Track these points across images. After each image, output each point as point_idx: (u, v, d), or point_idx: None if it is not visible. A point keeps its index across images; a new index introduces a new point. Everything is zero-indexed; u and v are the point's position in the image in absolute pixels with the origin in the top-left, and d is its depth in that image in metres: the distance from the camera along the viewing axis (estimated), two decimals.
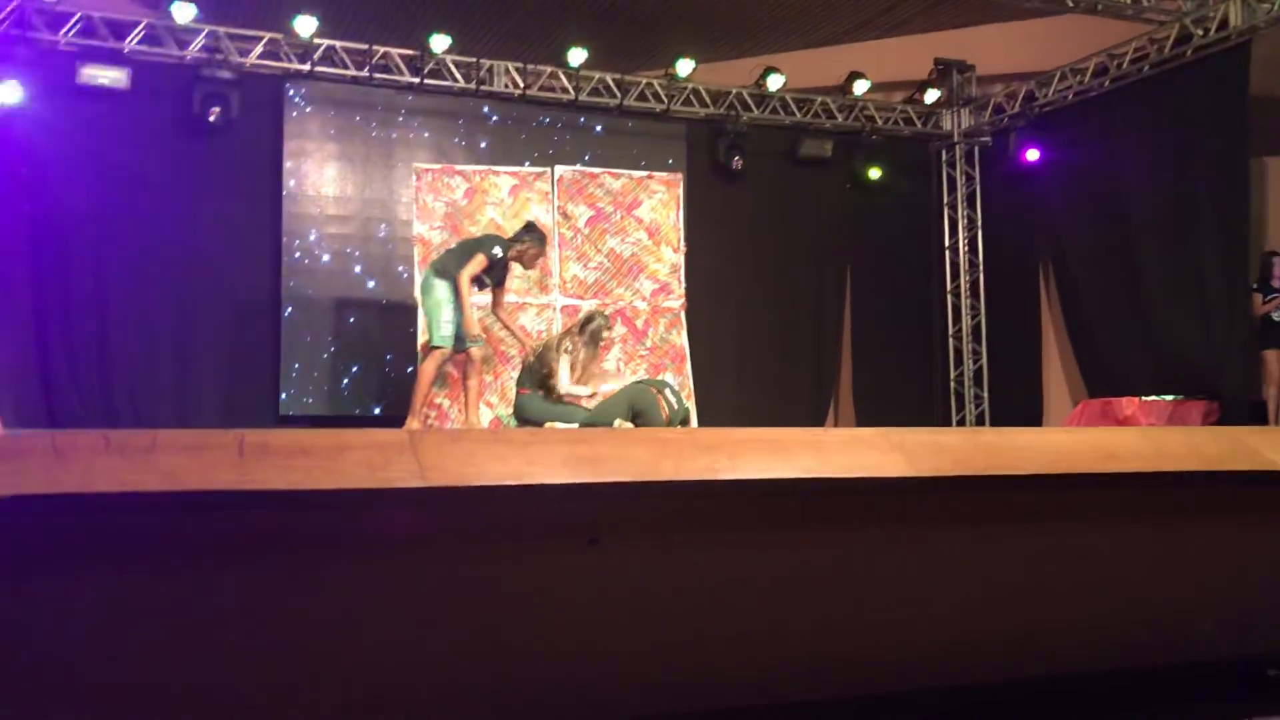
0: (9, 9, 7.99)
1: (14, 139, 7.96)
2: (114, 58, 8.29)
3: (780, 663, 2.60)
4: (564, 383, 6.70)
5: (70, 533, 2.04)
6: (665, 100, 9.90)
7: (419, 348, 7.59)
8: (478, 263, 6.74)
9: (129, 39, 8.37)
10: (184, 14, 8.34)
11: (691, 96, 10.04)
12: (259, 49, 8.76)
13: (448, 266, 6.76)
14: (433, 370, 6.80)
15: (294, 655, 2.17)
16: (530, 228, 7.16)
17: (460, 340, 6.78)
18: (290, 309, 8.79)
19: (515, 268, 7.21)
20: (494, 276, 6.93)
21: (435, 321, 6.70)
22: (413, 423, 6.72)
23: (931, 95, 10.63)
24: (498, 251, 6.83)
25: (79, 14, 8.19)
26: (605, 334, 6.99)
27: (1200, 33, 8.60)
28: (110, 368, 8.30)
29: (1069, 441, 2.74)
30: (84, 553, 2.05)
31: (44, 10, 8.12)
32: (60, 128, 8.12)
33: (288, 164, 8.89)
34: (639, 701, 2.48)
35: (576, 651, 2.39)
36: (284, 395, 8.70)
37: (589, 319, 6.93)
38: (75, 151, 8.18)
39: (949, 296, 10.97)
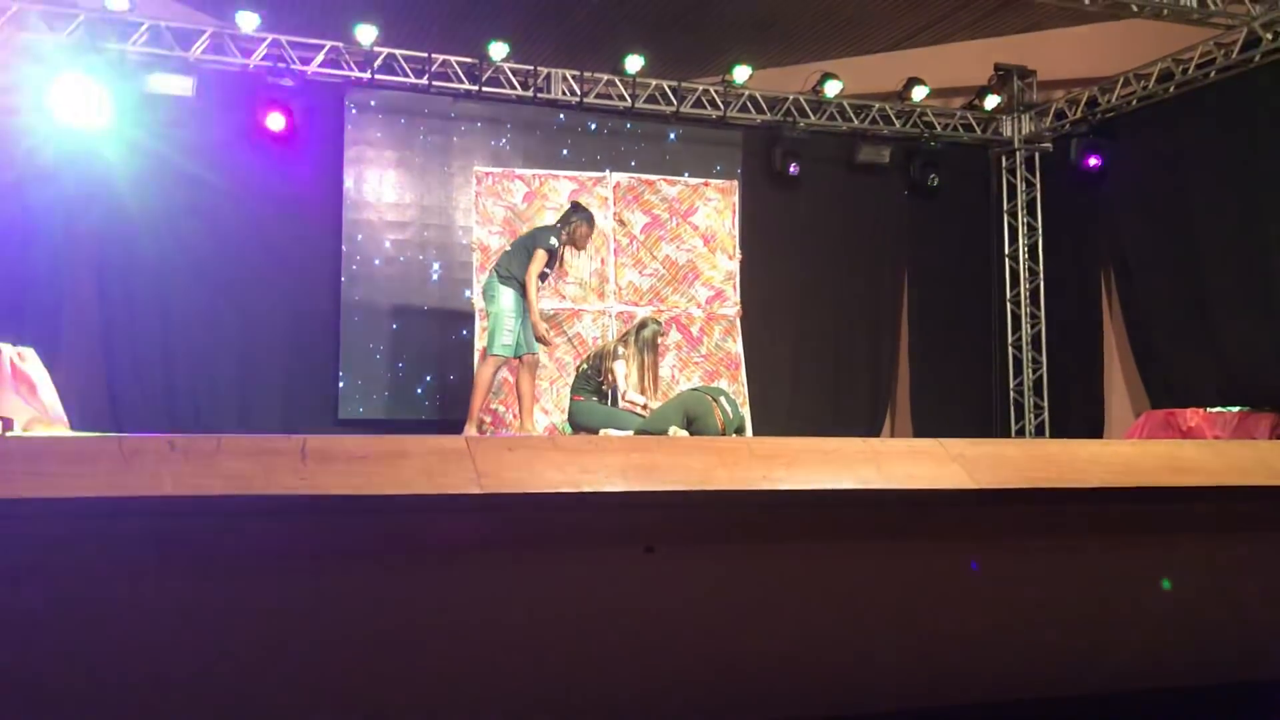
0: (80, 19, 8.17)
1: (84, 148, 8.13)
2: (180, 66, 8.44)
3: (833, 675, 2.58)
4: (624, 384, 6.71)
5: (136, 535, 2.08)
6: (722, 107, 9.89)
7: (477, 353, 7.64)
8: (539, 259, 6.75)
9: (194, 48, 8.52)
10: (248, 23, 8.49)
11: (748, 103, 10.01)
12: (320, 57, 8.87)
13: (512, 270, 6.77)
14: (489, 376, 6.83)
15: (354, 658, 2.19)
16: (576, 207, 7.19)
17: (519, 347, 6.81)
18: (349, 314, 8.89)
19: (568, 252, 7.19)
20: (552, 266, 6.96)
21: (498, 329, 6.73)
22: (470, 429, 6.76)
23: (991, 101, 10.51)
24: (554, 242, 6.86)
25: (146, 23, 8.36)
26: (660, 340, 6.98)
27: (1269, 36, 8.42)
28: (173, 372, 8.45)
29: (1134, 454, 2.69)
30: (150, 555, 2.09)
31: (113, 19, 8.29)
32: (128, 136, 8.28)
33: (348, 170, 9.01)
34: (693, 710, 2.47)
35: (632, 658, 2.40)
36: (343, 400, 8.80)
37: (642, 325, 6.93)
38: (142, 159, 8.33)
39: (1009, 305, 10.84)
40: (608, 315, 7.95)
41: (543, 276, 6.88)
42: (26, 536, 2.00)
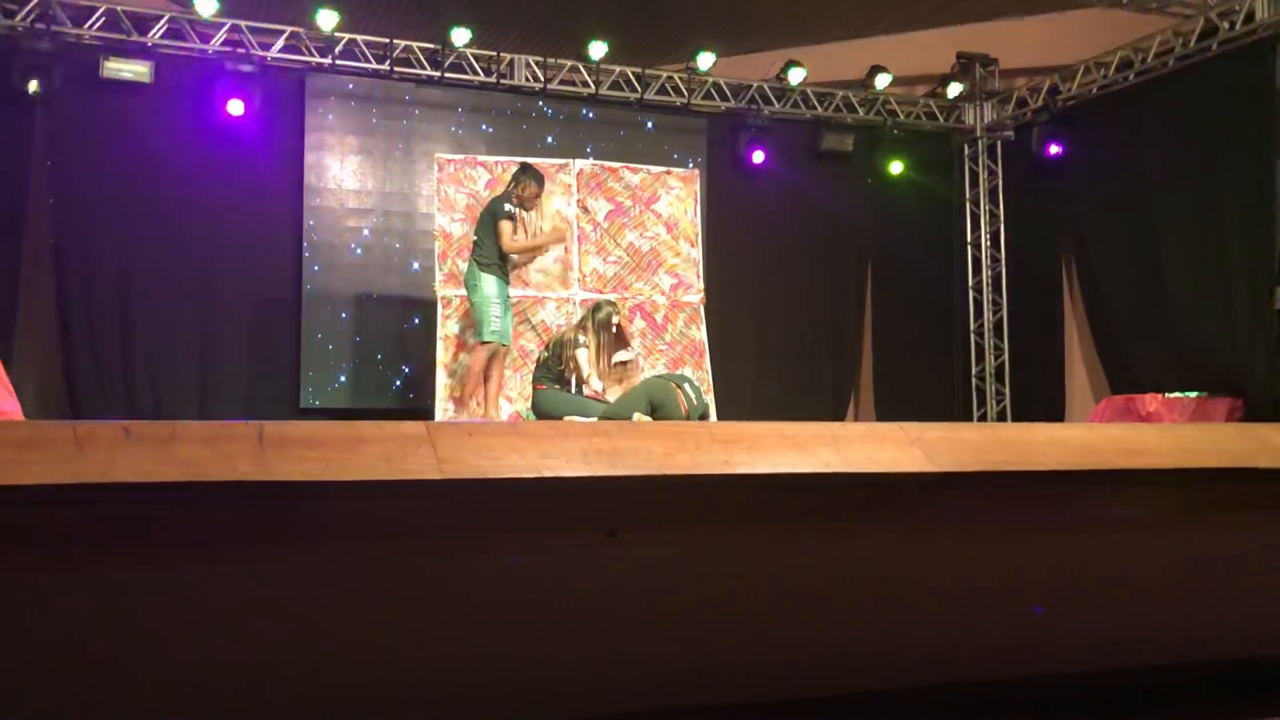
0: (33, 3, 8.05)
1: (39, 133, 8.01)
2: (137, 52, 8.33)
3: (795, 659, 2.59)
4: (588, 370, 6.75)
5: (91, 522, 2.05)
6: (686, 94, 9.88)
7: (440, 341, 7.60)
8: (505, 230, 7.00)
9: (152, 33, 8.41)
10: (206, 8, 8.39)
11: (712, 90, 10.02)
12: (280, 43, 8.79)
13: (488, 255, 6.91)
14: (482, 364, 6.92)
15: (311, 648, 2.18)
16: (524, 168, 7.41)
17: (504, 334, 6.88)
18: (310, 302, 8.83)
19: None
20: (515, 231, 7.18)
21: (485, 317, 6.82)
22: (463, 416, 6.80)
23: (954, 89, 10.57)
24: (508, 207, 7.10)
25: (103, 8, 8.24)
26: (614, 319, 7.07)
27: (1226, 26, 8.52)
28: (132, 360, 8.36)
29: (1090, 437, 2.72)
30: (104, 543, 2.06)
31: (67, 4, 8.16)
32: (84, 121, 8.17)
33: (309, 157, 8.93)
34: (656, 696, 2.47)
35: (594, 644, 2.39)
36: (304, 388, 8.74)
37: (597, 308, 7.03)
38: (99, 145, 8.23)
39: (971, 292, 10.92)
40: (572, 303, 7.93)
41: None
42: None
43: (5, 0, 8.03)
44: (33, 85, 7.87)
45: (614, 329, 7.05)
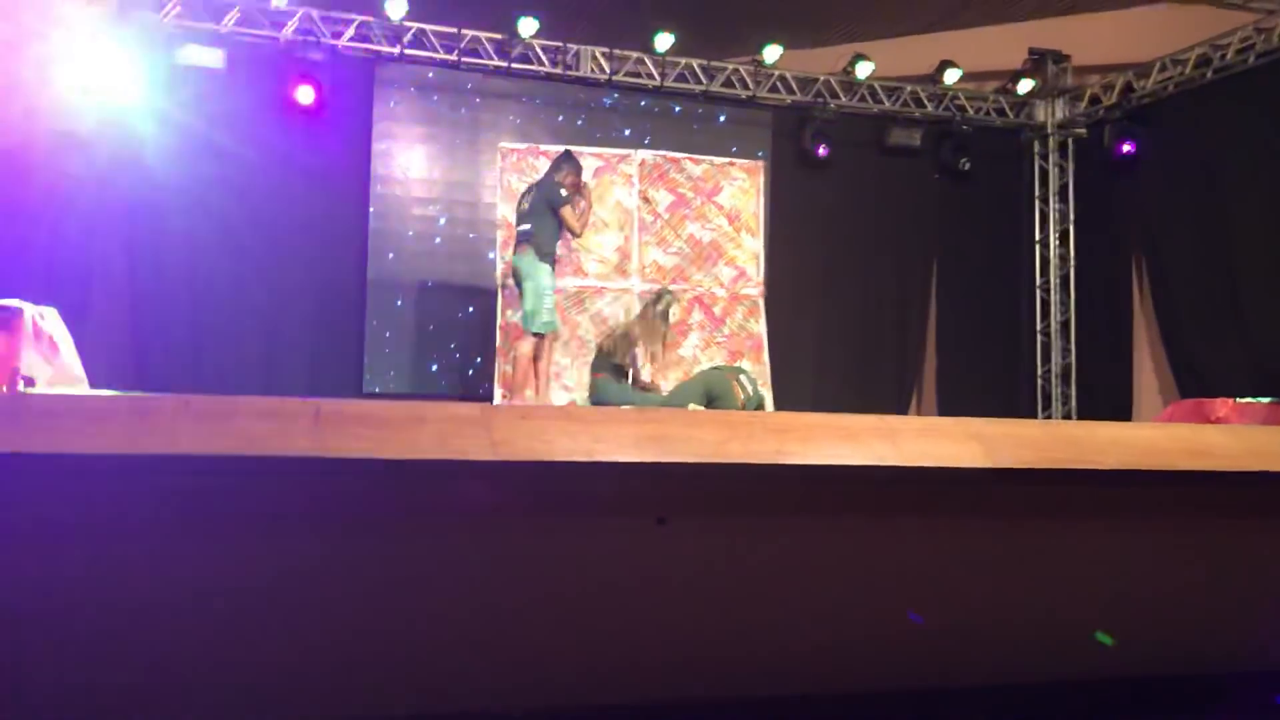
0: None
1: (115, 118, 8.18)
2: (211, 38, 8.47)
3: (847, 650, 2.57)
4: (641, 364, 6.77)
5: (151, 492, 2.09)
6: (752, 86, 9.83)
7: (499, 330, 7.65)
8: (569, 217, 7.06)
9: (225, 20, 8.54)
10: None
11: (778, 83, 9.95)
12: (350, 31, 8.87)
13: (548, 245, 6.92)
14: (532, 352, 6.95)
15: (362, 619, 2.20)
16: (565, 155, 7.38)
17: (556, 324, 7.03)
18: (374, 289, 8.92)
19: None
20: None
21: (540, 308, 6.84)
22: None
23: (1025, 85, 10.39)
24: (565, 193, 7.09)
25: None
26: (674, 309, 7.06)
27: None
28: (200, 341, 8.51)
29: (1155, 437, 2.66)
30: (164, 512, 2.10)
31: None
32: (158, 107, 8.32)
33: (376, 145, 9.01)
34: (703, 682, 2.47)
35: (641, 627, 2.40)
36: (367, 374, 8.84)
37: (657, 298, 7.05)
38: (172, 131, 8.37)
39: (1038, 291, 10.74)
40: (630, 293, 7.94)
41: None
42: (45, 491, 2.02)
43: None
44: (112, 71, 8.03)
45: (672, 320, 7.06)
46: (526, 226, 7.06)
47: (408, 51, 8.96)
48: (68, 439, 2.03)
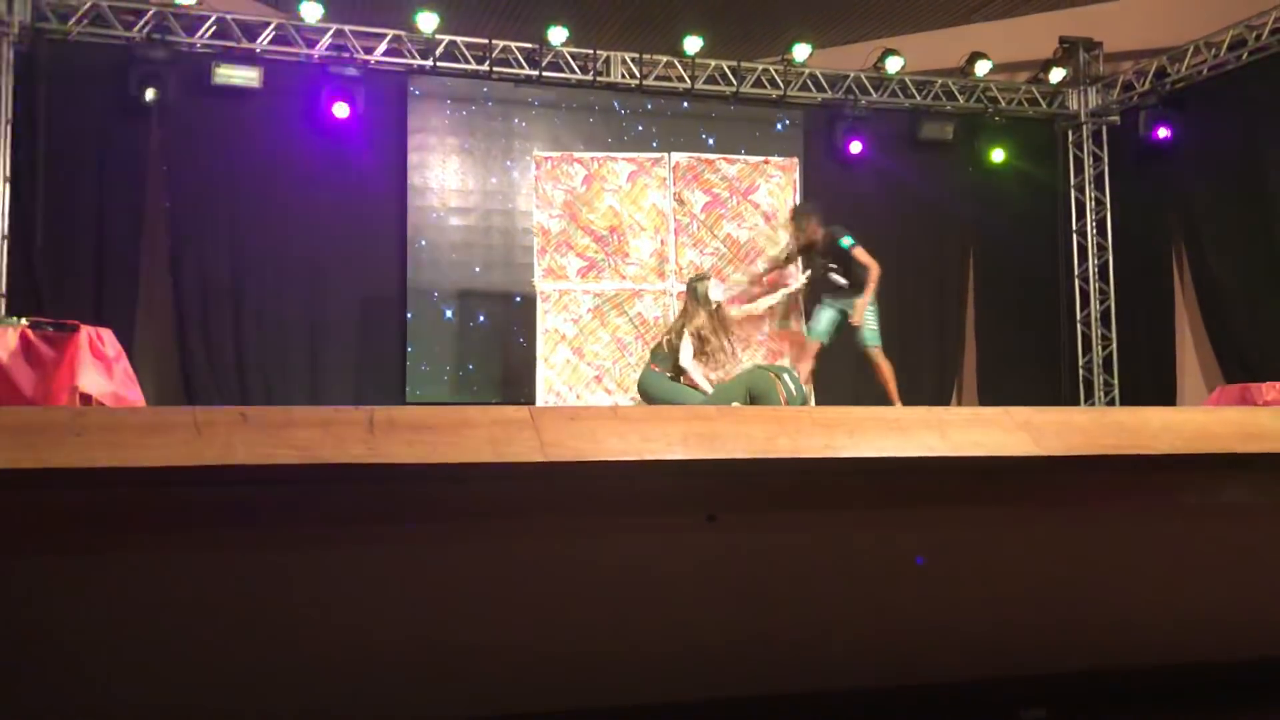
0: (149, 14, 8.35)
1: (155, 138, 8.32)
2: (246, 58, 8.59)
3: (905, 642, 2.57)
4: (686, 358, 6.83)
5: (209, 503, 2.13)
6: (782, 86, 9.83)
7: (540, 334, 7.68)
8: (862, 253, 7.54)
9: (260, 39, 8.66)
10: (312, 13, 8.61)
11: (808, 82, 9.94)
12: (383, 46, 8.97)
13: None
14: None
15: (422, 623, 2.23)
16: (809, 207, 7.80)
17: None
18: (415, 298, 9.00)
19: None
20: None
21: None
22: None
23: (1057, 74, 10.33)
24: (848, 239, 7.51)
25: (214, 16, 8.51)
26: (705, 288, 7.12)
27: None
28: (244, 356, 8.63)
29: (1205, 421, 2.64)
30: (223, 522, 2.14)
31: (181, 14, 8.45)
32: (197, 126, 8.45)
33: (412, 157, 9.10)
34: (758, 679, 2.48)
35: (693, 625, 2.41)
36: (410, 383, 8.92)
37: (692, 288, 7.10)
38: (211, 148, 8.50)
39: (1077, 281, 10.66)
40: (669, 295, 7.95)
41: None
42: (105, 503, 2.06)
43: (123, 12, 8.34)
44: (149, 93, 8.17)
45: (712, 305, 7.13)
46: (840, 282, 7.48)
47: (440, 64, 9.04)
48: (129, 453, 2.07)
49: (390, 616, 2.22)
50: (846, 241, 7.47)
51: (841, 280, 7.55)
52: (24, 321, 4.30)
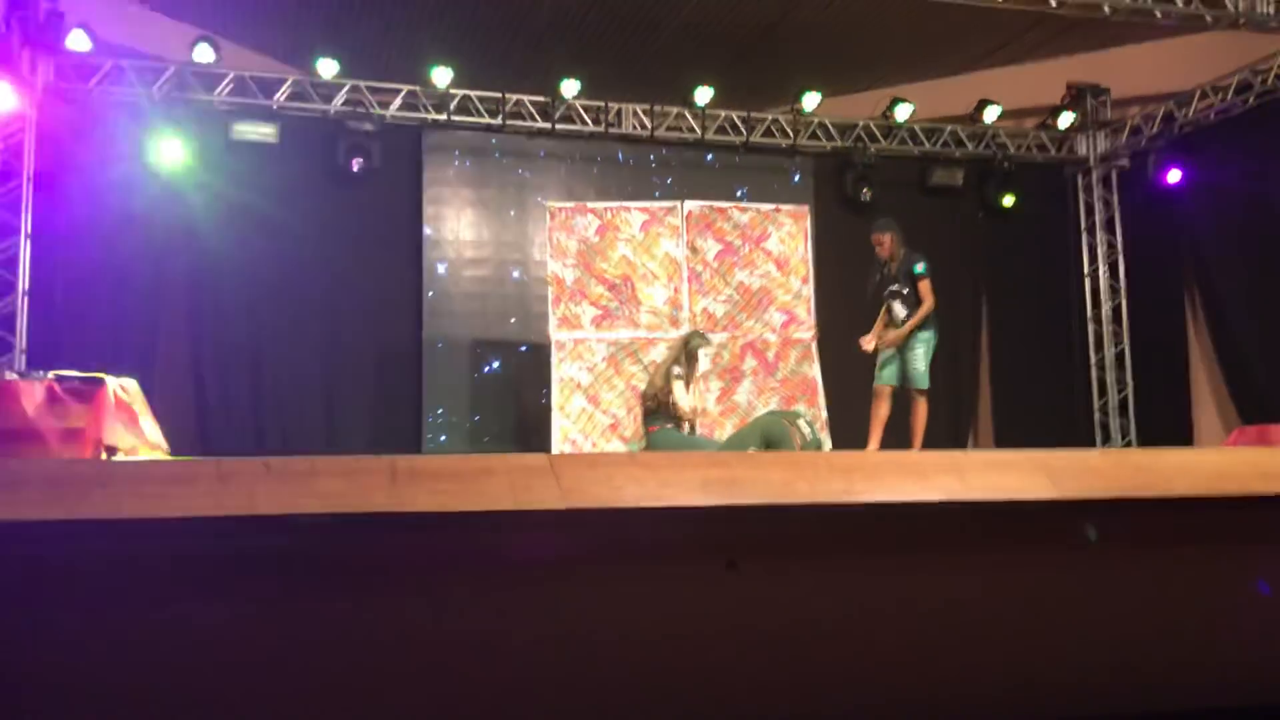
0: (168, 73, 8.48)
1: (174, 193, 8.43)
2: (264, 114, 8.71)
3: (928, 691, 2.56)
4: (681, 399, 6.83)
5: (233, 553, 2.15)
6: (791, 135, 9.91)
7: (555, 384, 7.70)
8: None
9: (277, 95, 8.79)
10: (328, 69, 8.74)
11: (818, 130, 10.03)
12: (398, 101, 9.10)
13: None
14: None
15: (442, 674, 2.24)
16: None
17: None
18: (430, 349, 9.05)
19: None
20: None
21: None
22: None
23: (1065, 119, 10.40)
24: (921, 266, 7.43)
25: (231, 74, 8.64)
26: (702, 349, 7.09)
27: None
28: (261, 407, 8.67)
29: (1222, 461, 2.65)
30: (246, 572, 2.16)
31: (200, 71, 8.58)
32: (215, 181, 8.56)
33: (427, 210, 9.19)
34: None
35: (714, 673, 2.40)
36: (427, 435, 8.94)
37: (686, 340, 7.11)
38: (229, 203, 8.60)
39: (1090, 324, 10.66)
40: None
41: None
42: (130, 553, 2.08)
43: (142, 71, 8.48)
44: (171, 150, 8.29)
45: (696, 360, 7.11)
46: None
47: (454, 117, 9.15)
48: (154, 503, 2.10)
49: (411, 661, 2.22)
50: (919, 268, 7.35)
51: (902, 312, 7.38)
52: (50, 375, 4.36)
